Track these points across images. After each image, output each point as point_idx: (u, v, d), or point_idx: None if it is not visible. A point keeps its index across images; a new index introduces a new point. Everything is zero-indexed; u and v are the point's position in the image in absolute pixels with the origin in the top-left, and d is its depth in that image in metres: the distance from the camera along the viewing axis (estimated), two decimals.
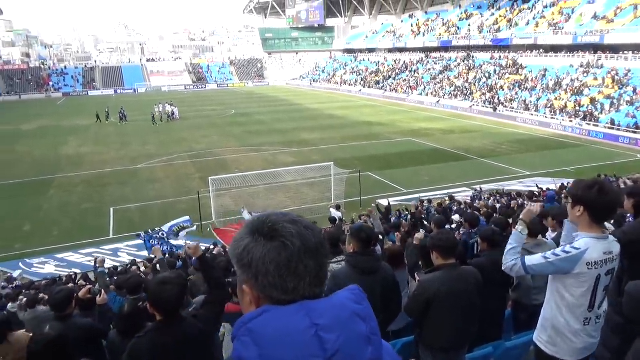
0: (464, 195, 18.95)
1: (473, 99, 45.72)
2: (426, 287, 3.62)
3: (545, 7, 49.28)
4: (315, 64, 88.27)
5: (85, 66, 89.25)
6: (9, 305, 8.75)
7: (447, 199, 16.42)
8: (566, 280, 2.73)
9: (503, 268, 3.02)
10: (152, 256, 12.84)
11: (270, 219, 1.06)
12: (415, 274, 4.98)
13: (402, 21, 75.70)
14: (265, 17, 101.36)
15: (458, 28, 59.81)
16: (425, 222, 10.04)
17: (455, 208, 13.47)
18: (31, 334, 3.91)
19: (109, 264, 14.67)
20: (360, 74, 71.17)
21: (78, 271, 13.97)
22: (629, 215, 3.67)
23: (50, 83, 78.15)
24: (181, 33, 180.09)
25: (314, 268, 1.04)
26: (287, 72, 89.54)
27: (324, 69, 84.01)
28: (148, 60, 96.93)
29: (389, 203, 16.00)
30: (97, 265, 7.33)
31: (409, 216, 12.63)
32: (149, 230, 12.77)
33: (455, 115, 43.43)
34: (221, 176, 19.62)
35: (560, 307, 2.77)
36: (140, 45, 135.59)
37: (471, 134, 34.02)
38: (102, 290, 4.85)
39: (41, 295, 8.05)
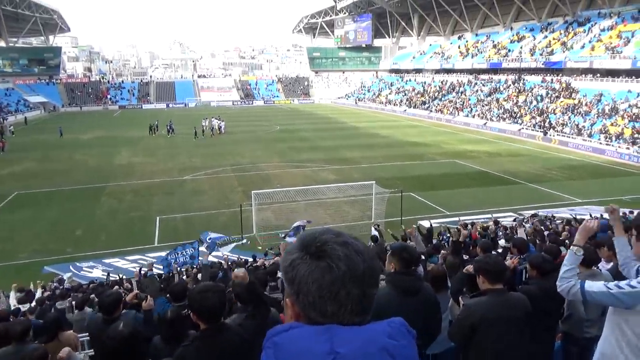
0: (509, 220, 18.29)
1: (522, 122, 44.45)
2: (471, 311, 3.48)
3: (603, 30, 47.64)
4: (361, 83, 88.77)
5: (141, 81, 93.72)
6: (57, 303, 9.12)
7: (491, 222, 15.89)
8: (629, 317, 2.56)
9: (558, 290, 2.86)
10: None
11: (320, 238, 1.04)
12: (460, 298, 4.81)
13: (450, 42, 75.15)
14: (314, 37, 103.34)
15: (509, 50, 58.69)
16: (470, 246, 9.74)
17: (501, 233, 13.00)
18: (79, 333, 4.08)
19: (154, 271, 15.11)
20: (405, 94, 70.91)
21: (124, 276, 14.44)
22: None
23: (108, 96, 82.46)
24: (232, 51, 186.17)
25: (357, 295, 1.00)
26: (333, 91, 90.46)
27: (370, 88, 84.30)
28: (199, 77, 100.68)
29: (430, 225, 15.66)
30: (147, 269, 7.52)
31: (451, 238, 12.27)
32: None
33: (502, 138, 42.32)
34: (263, 190, 19.90)
35: (620, 343, 2.60)
36: (193, 61, 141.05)
37: (519, 157, 32.99)
38: (148, 296, 4.97)
39: (92, 295, 8.36)
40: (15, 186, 25.36)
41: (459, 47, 70.25)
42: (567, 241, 7.90)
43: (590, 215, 16.65)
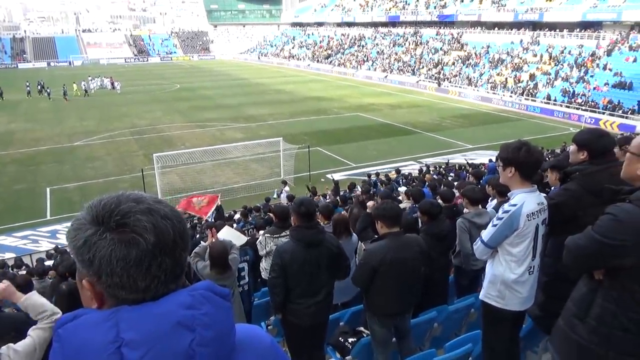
0: (410, 168, 19.41)
1: (420, 74, 46.53)
2: (372, 255, 3.68)
3: None
4: (263, 37, 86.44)
5: (14, 37, 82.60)
6: None
7: (394, 172, 16.76)
8: (510, 237, 2.88)
9: (477, 256, 3.14)
10: None
11: (119, 209, 0.88)
12: (362, 245, 5.06)
13: None
14: None
15: (406, 3, 60.23)
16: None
17: (403, 181, 13.77)
18: None
19: (46, 246, 13.99)
20: (309, 48, 70.46)
21: (12, 255, 13.20)
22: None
23: None
24: (119, 2, 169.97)
25: (170, 264, 0.90)
26: (234, 46, 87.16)
27: (272, 43, 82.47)
28: (84, 31, 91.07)
29: (332, 179, 16.12)
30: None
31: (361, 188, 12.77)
32: None
33: (402, 90, 44.09)
34: (166, 153, 18.97)
35: (508, 262, 2.95)
36: (75, 14, 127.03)
37: (418, 108, 34.72)
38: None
39: None
40: None
41: (359, 0, 70.61)
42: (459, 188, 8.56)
43: (467, 162, 18.18)
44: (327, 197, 13.06)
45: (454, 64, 45.09)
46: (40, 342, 2.81)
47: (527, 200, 2.83)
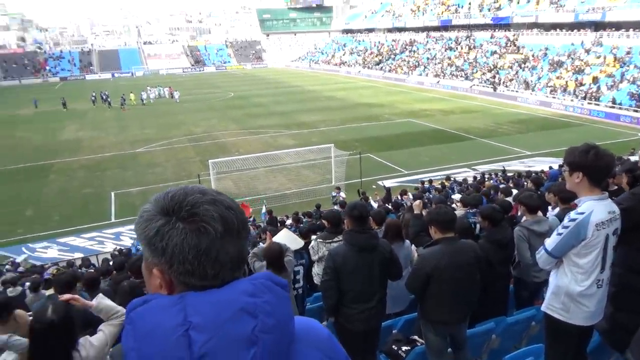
0: (465, 175, 18.95)
1: (473, 78, 45.39)
2: (425, 260, 3.64)
3: None
4: (314, 45, 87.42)
5: (82, 50, 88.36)
6: (9, 290, 8.81)
7: (445, 180, 16.43)
8: (577, 247, 2.75)
9: (540, 265, 3.03)
10: None
11: (188, 200, 0.94)
12: (415, 249, 5.01)
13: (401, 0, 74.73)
14: None
15: (458, 6, 59.05)
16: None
17: (458, 187, 13.47)
18: (31, 313, 3.97)
19: (111, 247, 14.81)
20: (359, 55, 70.54)
21: (81, 255, 14.07)
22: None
23: (47, 67, 77.51)
24: (177, 15, 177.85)
25: (236, 252, 0.95)
26: (286, 54, 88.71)
27: (323, 50, 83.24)
28: (145, 43, 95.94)
29: (384, 186, 16.01)
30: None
31: (411, 196, 12.63)
32: None
33: (455, 95, 43.17)
34: (221, 159, 19.60)
35: (574, 273, 2.81)
36: (137, 27, 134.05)
37: (472, 114, 33.85)
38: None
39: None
40: None
41: (410, 5, 69.98)
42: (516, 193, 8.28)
43: (503, 169, 17.48)
44: (376, 203, 13.00)
45: (510, 67, 43.63)
46: (110, 336, 3.02)
47: (596, 209, 2.68)
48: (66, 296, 2.99)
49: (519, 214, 5.29)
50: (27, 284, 8.85)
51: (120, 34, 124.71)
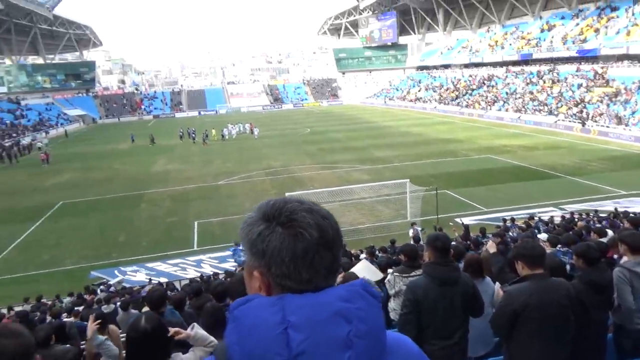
0: (551, 215, 17.84)
1: (558, 113, 43.19)
2: (512, 297, 3.43)
3: (637, 14, 45.75)
4: (389, 82, 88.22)
5: (173, 90, 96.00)
6: (103, 307, 9.53)
7: (529, 219, 15.54)
8: None
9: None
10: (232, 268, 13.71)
11: (287, 207, 1.02)
12: (499, 286, 4.77)
13: (478, 35, 73.78)
14: (339, 38, 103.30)
15: (539, 40, 57.15)
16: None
17: (544, 227, 12.71)
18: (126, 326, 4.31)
19: (192, 274, 15.54)
20: (435, 91, 70.06)
21: (165, 280, 14.90)
22: None
23: (142, 106, 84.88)
24: (259, 56, 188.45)
25: (330, 260, 1.00)
26: (361, 91, 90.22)
27: (398, 87, 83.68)
28: (228, 83, 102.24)
29: (462, 223, 15.47)
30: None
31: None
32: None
33: (538, 131, 41.23)
34: (297, 192, 20.09)
35: None
36: (222, 69, 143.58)
37: (557, 150, 32.08)
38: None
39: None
40: (60, 196, 26.48)
41: (487, 40, 68.87)
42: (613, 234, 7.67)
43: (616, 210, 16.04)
44: (454, 242, 12.59)
45: (599, 101, 41.06)
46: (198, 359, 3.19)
47: None
48: (172, 330, 3.20)
49: (620, 254, 4.90)
50: (118, 303, 9.56)
51: (207, 75, 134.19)
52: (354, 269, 5.01)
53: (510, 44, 62.27)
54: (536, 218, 15.66)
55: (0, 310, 10.71)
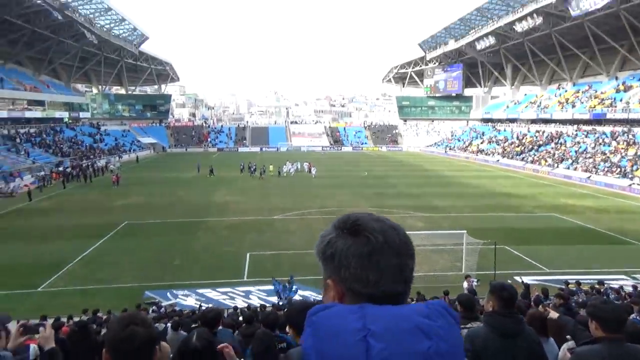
0: (622, 283, 16.52)
1: (633, 177, 40.66)
2: (582, 359, 3.19)
3: None
4: (451, 132, 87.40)
5: (238, 126, 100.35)
6: (155, 325, 9.78)
7: (597, 285, 14.46)
8: None
9: None
10: (279, 302, 13.76)
11: (354, 216, 1.09)
12: (567, 347, 4.44)
13: (548, 92, 71.98)
14: (403, 86, 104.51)
15: (614, 100, 54.83)
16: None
17: (613, 296, 11.77)
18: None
19: (240, 304, 15.65)
20: (499, 144, 68.44)
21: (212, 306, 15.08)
22: None
23: (209, 139, 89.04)
24: (323, 99, 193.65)
25: (396, 265, 1.03)
26: (422, 139, 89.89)
27: (460, 137, 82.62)
28: (292, 123, 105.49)
29: (522, 282, 14.63)
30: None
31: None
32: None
33: (609, 193, 38.90)
34: None
35: None
36: (286, 109, 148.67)
37: (630, 215, 29.99)
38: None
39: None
40: (126, 217, 27.92)
41: (557, 97, 66.98)
42: None
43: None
44: None
45: None
46: None
47: None
48: (221, 345, 3.27)
49: None
50: (169, 323, 9.77)
51: (272, 114, 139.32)
52: None
53: (582, 102, 60.17)
54: (606, 285, 14.55)
55: (61, 319, 11.25)
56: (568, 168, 49.44)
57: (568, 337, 4.81)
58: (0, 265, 19.41)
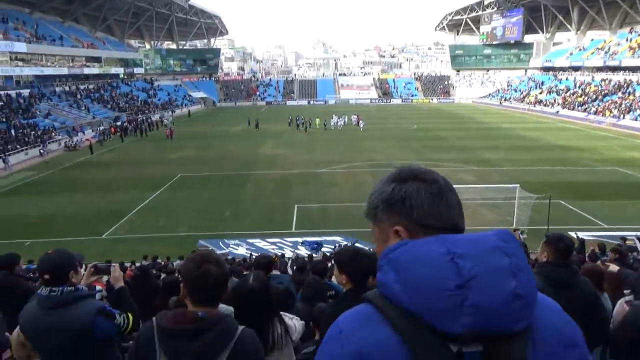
0: None
1: None
2: None
3: None
4: (508, 82, 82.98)
5: (287, 79, 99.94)
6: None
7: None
8: None
9: None
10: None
11: (409, 166, 1.13)
12: (623, 301, 4.26)
13: (617, 36, 66.18)
14: (458, 34, 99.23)
15: None
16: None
17: None
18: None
19: (288, 254, 16.14)
20: (559, 94, 64.44)
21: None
22: None
23: (257, 93, 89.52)
24: (372, 50, 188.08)
25: (458, 202, 1.10)
26: (475, 90, 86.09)
27: (517, 88, 78.38)
28: (340, 75, 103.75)
29: (577, 237, 14.05)
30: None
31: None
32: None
33: None
34: None
35: None
36: (335, 60, 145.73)
37: None
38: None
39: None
40: (180, 169, 29.04)
41: (628, 42, 61.51)
42: None
43: None
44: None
45: None
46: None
47: None
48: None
49: None
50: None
51: (320, 67, 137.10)
52: None
53: None
54: None
55: (124, 264, 12.08)
56: (636, 119, 46.03)
57: (626, 291, 4.62)
58: (66, 214, 20.91)
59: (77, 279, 2.99)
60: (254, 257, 14.97)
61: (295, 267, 7.76)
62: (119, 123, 49.73)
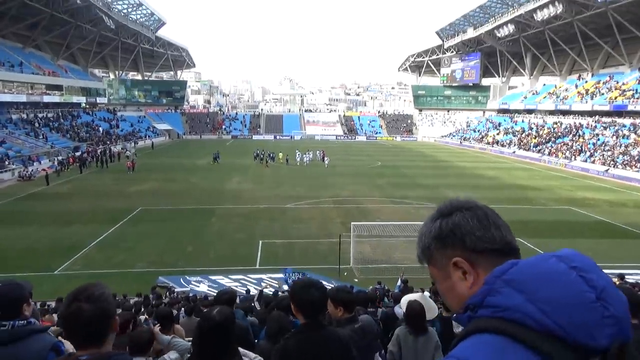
0: (638, 278, 16.27)
1: None
2: None
3: None
4: (467, 122, 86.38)
5: (253, 113, 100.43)
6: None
7: (617, 279, 14.24)
8: None
9: None
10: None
11: (448, 202, 1.17)
12: None
13: (567, 82, 70.59)
14: (420, 75, 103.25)
15: (636, 91, 53.58)
16: None
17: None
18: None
19: (252, 291, 15.79)
20: (515, 135, 67.50)
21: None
22: None
23: (223, 126, 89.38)
24: (338, 87, 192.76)
25: (504, 223, 1.11)
26: (437, 129, 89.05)
27: (476, 128, 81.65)
28: (306, 111, 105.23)
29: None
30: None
31: None
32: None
33: (628, 187, 38.22)
34: (362, 223, 19.96)
35: None
36: (301, 97, 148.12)
37: None
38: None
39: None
40: (141, 202, 28.28)
41: (576, 88, 65.65)
42: None
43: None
44: None
45: None
46: None
47: None
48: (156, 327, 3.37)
49: None
50: (182, 309, 9.93)
51: (287, 102, 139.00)
52: (411, 296, 4.89)
53: (603, 94, 58.93)
54: (625, 279, 14.32)
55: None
56: (586, 161, 48.64)
57: None
58: (18, 248, 19.86)
59: (28, 311, 2.83)
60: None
61: (261, 303, 7.63)
62: (78, 153, 48.32)
